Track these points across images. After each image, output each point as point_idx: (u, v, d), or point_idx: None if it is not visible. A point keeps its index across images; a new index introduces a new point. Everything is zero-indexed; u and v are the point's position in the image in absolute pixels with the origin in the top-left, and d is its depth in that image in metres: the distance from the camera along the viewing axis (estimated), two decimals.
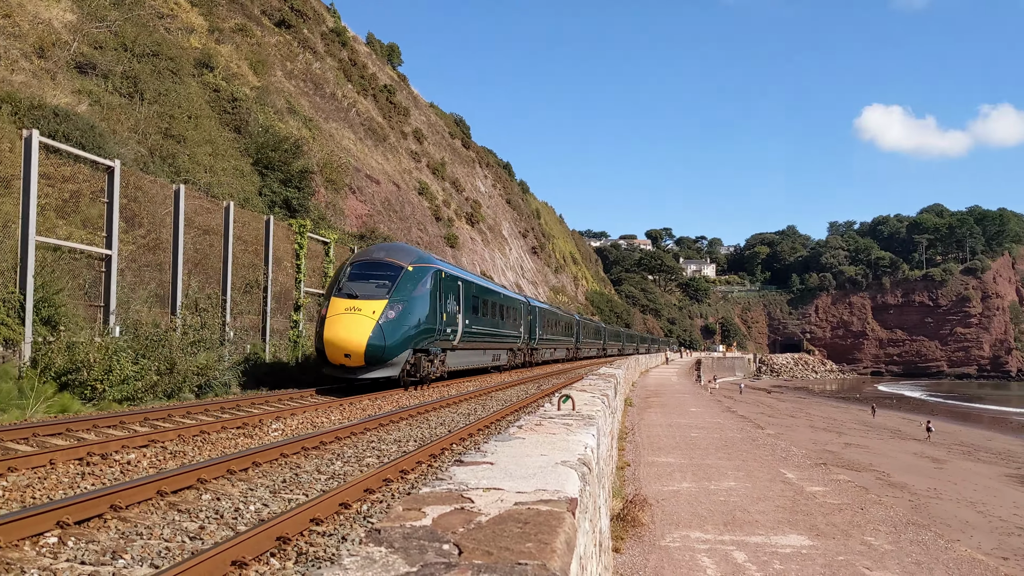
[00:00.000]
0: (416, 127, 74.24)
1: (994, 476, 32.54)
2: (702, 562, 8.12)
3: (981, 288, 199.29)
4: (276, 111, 40.88)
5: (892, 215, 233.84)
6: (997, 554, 17.03)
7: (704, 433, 20.21)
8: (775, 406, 66.30)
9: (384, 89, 69.89)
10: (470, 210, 76.04)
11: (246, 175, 31.92)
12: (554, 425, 5.21)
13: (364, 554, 2.01)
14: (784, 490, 12.32)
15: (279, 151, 34.47)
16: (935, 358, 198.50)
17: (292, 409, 16.75)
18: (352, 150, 50.89)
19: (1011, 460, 40.31)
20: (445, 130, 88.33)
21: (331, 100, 53.83)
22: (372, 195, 49.63)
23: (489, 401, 22.16)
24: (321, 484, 9.75)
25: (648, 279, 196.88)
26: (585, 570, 3.10)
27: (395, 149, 63.20)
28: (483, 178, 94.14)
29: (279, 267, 26.51)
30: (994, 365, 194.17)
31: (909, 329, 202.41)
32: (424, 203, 61.60)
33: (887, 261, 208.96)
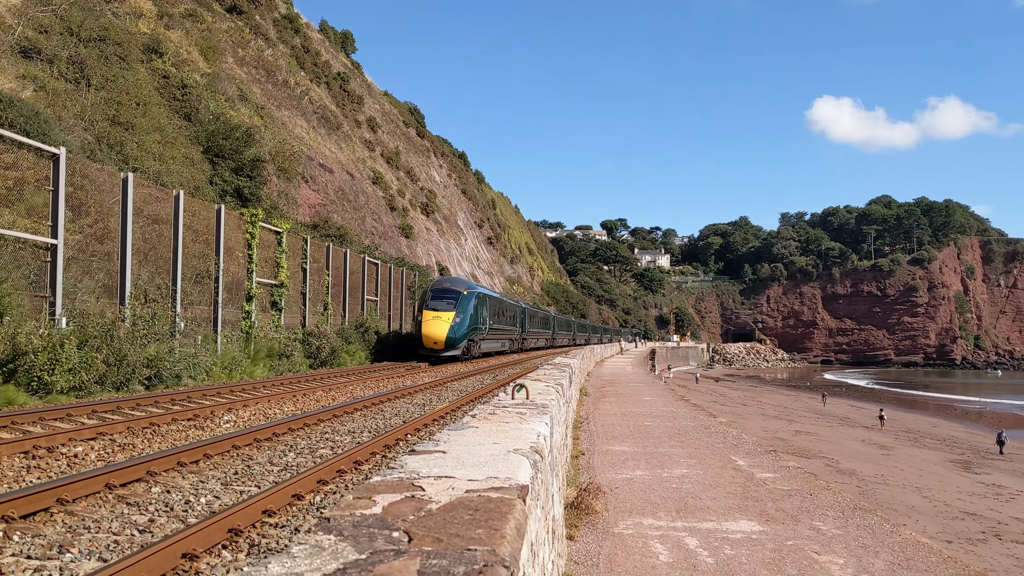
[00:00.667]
0: (370, 116, 73.69)
1: (939, 462, 33.36)
2: (655, 548, 8.21)
3: (927, 278, 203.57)
4: (227, 98, 40.29)
5: (842, 206, 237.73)
6: (941, 537, 17.48)
7: (658, 422, 20.40)
8: (727, 395, 67.23)
9: (338, 77, 69.24)
10: (425, 200, 75.72)
11: (196, 163, 31.44)
12: (508, 414, 5.22)
13: (313, 542, 2.00)
14: (735, 477, 12.50)
15: (230, 139, 34.00)
16: (883, 347, 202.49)
17: (244, 400, 16.58)
18: (305, 138, 50.37)
19: (955, 446, 41.33)
20: (399, 119, 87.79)
21: (283, 88, 53.19)
22: (325, 184, 49.19)
23: (444, 391, 22.16)
24: (274, 476, 9.68)
25: (603, 269, 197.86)
26: (537, 556, 3.11)
27: (349, 138, 62.68)
28: (438, 168, 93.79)
29: (231, 257, 26.17)
30: (940, 353, 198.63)
31: (858, 318, 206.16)
32: (378, 193, 61.21)
33: (837, 252, 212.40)
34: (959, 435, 48.85)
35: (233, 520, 6.97)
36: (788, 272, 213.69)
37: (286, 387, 20.63)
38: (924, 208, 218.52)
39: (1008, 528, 19.52)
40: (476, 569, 1.80)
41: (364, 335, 35.42)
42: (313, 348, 29.23)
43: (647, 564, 7.66)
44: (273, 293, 29.45)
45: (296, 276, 31.52)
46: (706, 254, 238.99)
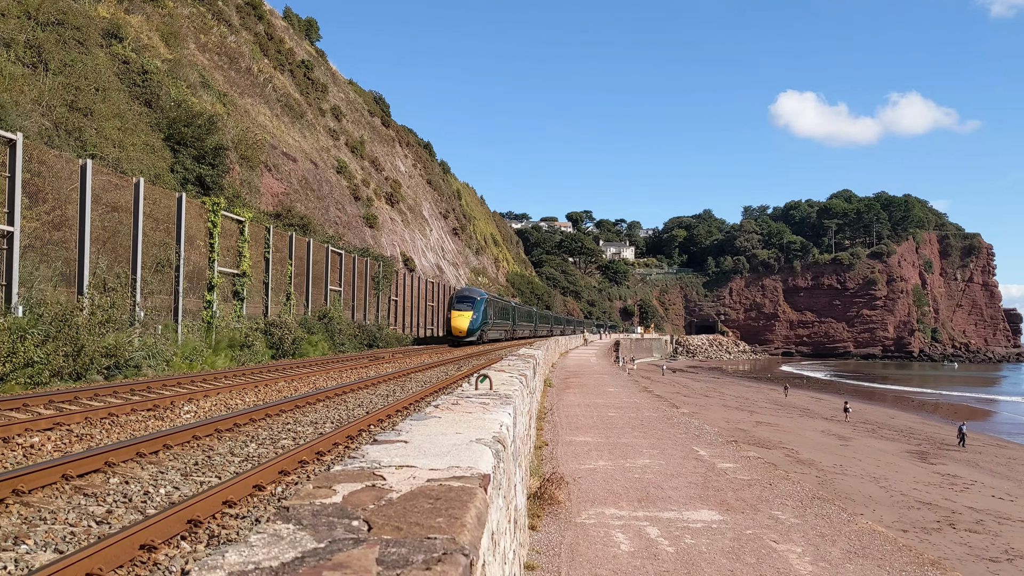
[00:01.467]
0: (334, 104, 73.11)
1: (896, 452, 33.93)
2: (616, 538, 8.27)
3: (886, 272, 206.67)
4: (189, 85, 39.74)
5: (804, 200, 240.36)
6: (897, 527, 17.79)
7: (621, 413, 20.52)
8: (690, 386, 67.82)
9: (302, 65, 68.58)
10: (390, 190, 75.34)
11: (157, 151, 30.99)
12: (471, 404, 5.22)
13: (271, 531, 1.99)
14: (696, 467, 12.61)
15: (192, 127, 33.56)
16: (842, 339, 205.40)
17: (205, 391, 16.42)
18: (268, 127, 49.87)
19: (912, 437, 42.07)
20: (364, 108, 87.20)
21: (246, 75, 52.58)
22: (289, 173, 48.75)
23: (408, 382, 22.11)
24: (235, 466, 9.60)
25: (569, 261, 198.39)
26: (498, 545, 3.12)
27: (313, 126, 62.16)
28: (403, 157, 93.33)
29: (192, 246, 25.87)
30: (898, 346, 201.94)
31: (818, 311, 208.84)
32: (343, 182, 60.80)
33: (798, 245, 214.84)
34: (916, 426, 49.73)
35: (193, 511, 6.91)
36: (750, 265, 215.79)
37: (248, 377, 20.46)
38: (884, 203, 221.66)
39: (962, 517, 19.91)
40: (435, 557, 1.80)
41: (327, 325, 35.21)
42: (275, 338, 29.00)
43: (608, 554, 7.72)
44: (235, 283, 29.17)
45: (258, 266, 31.24)
46: (670, 246, 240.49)
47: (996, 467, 32.18)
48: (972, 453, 36.21)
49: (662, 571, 7.19)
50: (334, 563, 1.74)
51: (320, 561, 1.76)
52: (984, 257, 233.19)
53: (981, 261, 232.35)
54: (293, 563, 1.75)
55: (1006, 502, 23.33)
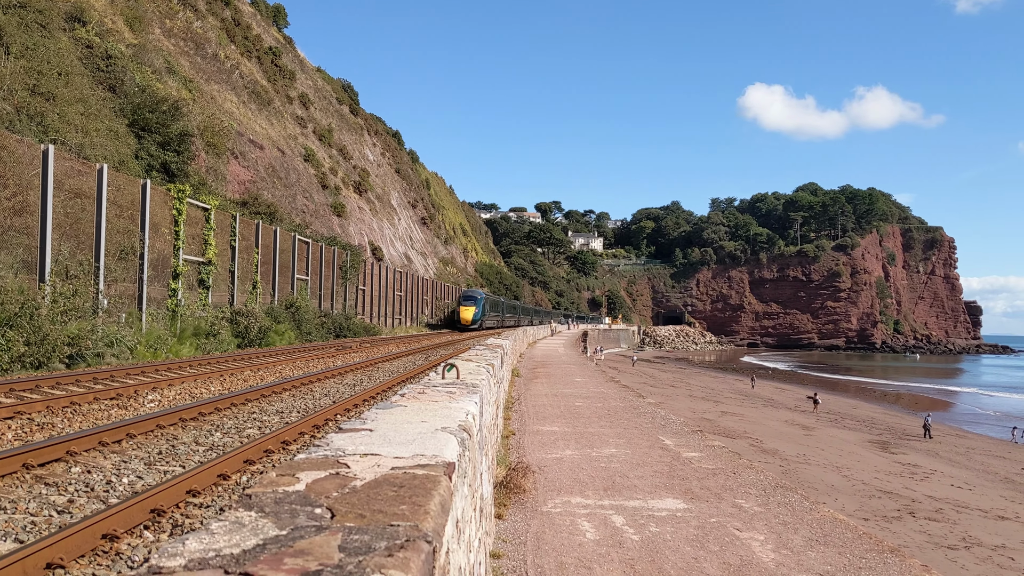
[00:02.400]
0: (302, 92, 72.46)
1: (858, 442, 34.43)
2: (582, 526, 8.32)
3: (850, 264, 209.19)
4: (154, 70, 39.18)
5: (770, 193, 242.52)
6: (859, 515, 18.07)
7: (588, 402, 20.61)
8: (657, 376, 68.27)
9: (269, 51, 67.87)
10: (358, 178, 74.89)
11: (121, 137, 30.54)
12: (437, 393, 5.22)
13: (233, 519, 1.98)
14: (662, 456, 12.71)
15: (157, 112, 33.09)
16: (807, 330, 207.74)
17: (170, 380, 16.25)
18: (235, 113, 49.32)
19: (873, 427, 42.71)
20: (332, 96, 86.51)
21: (213, 61, 51.93)
22: (256, 160, 48.29)
23: (376, 372, 22.05)
24: (199, 456, 9.52)
25: (537, 252, 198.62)
26: (463, 533, 3.13)
27: (280, 114, 61.59)
28: (371, 146, 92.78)
29: (157, 234, 25.56)
30: (861, 337, 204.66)
31: (783, 302, 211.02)
32: (310, 170, 60.34)
33: (764, 237, 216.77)
34: (878, 416, 50.49)
35: (156, 500, 6.85)
36: (717, 256, 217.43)
37: (213, 366, 20.28)
38: (849, 196, 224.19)
39: (921, 506, 20.27)
40: (398, 544, 1.80)
41: (294, 315, 34.97)
42: (241, 327, 28.75)
43: (574, 542, 7.76)
44: (200, 271, 28.87)
45: (224, 254, 30.94)
46: (638, 238, 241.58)
47: (955, 457, 32.78)
48: (932, 443, 36.84)
49: (627, 559, 7.25)
50: (296, 550, 1.74)
51: (282, 548, 1.75)
52: (946, 250, 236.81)
53: (943, 254, 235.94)
54: (254, 550, 1.74)
55: (964, 491, 23.78)
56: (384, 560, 1.69)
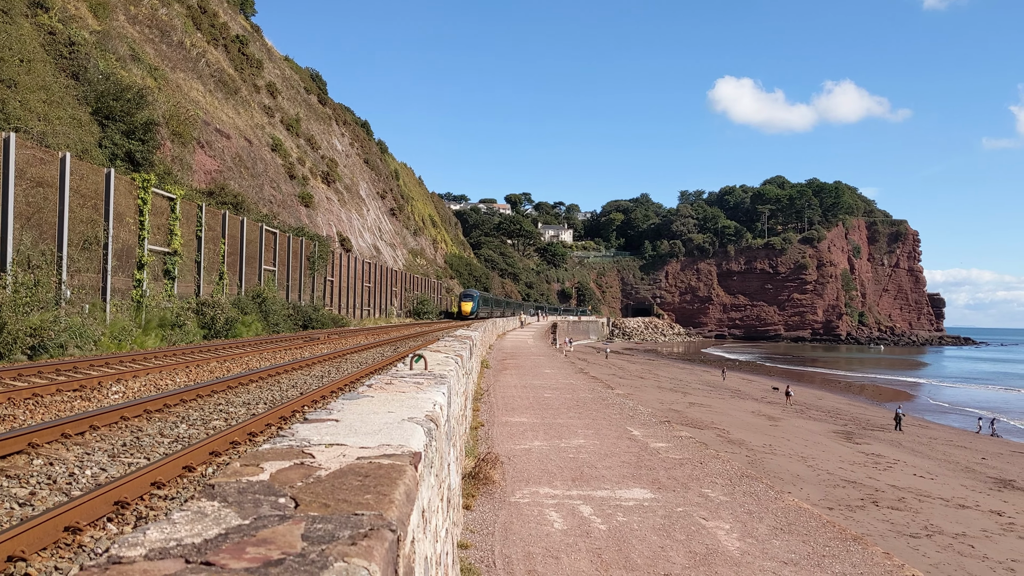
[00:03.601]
0: (270, 81, 71.76)
1: (823, 433, 34.84)
2: (550, 516, 8.35)
3: (817, 256, 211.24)
4: (118, 58, 38.59)
5: (738, 185, 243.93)
6: (824, 504, 18.31)
7: (557, 394, 20.67)
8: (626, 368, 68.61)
9: (236, 40, 67.10)
10: (326, 169, 74.37)
11: (84, 125, 30.08)
12: (405, 384, 5.20)
13: (196, 509, 1.96)
14: (630, 447, 12.78)
15: (121, 101, 32.61)
16: (774, 322, 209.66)
17: (134, 371, 16.07)
18: (201, 102, 48.74)
19: (838, 417, 43.25)
20: (300, 85, 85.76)
21: (178, 49, 51.25)
22: (222, 150, 47.78)
23: (344, 363, 21.95)
24: (164, 447, 9.43)
25: (507, 243, 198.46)
26: (429, 523, 3.12)
27: (247, 103, 60.96)
28: (340, 136, 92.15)
29: (121, 223, 25.23)
30: (826, 329, 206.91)
31: (751, 295, 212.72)
32: (277, 160, 59.82)
33: (732, 230, 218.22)
34: (843, 407, 51.13)
35: (120, 492, 6.77)
36: (686, 249, 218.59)
37: (179, 358, 20.08)
38: (815, 189, 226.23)
39: (884, 495, 20.58)
40: (362, 532, 1.79)
41: (261, 306, 34.70)
42: (208, 318, 28.49)
43: (542, 532, 7.79)
44: (166, 261, 28.55)
45: (190, 244, 30.62)
46: (608, 230, 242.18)
47: (918, 447, 33.29)
48: (896, 433, 37.37)
49: (594, 548, 7.29)
50: (258, 539, 1.73)
51: (244, 537, 1.74)
52: (910, 243, 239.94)
53: (907, 247, 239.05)
54: (216, 539, 1.73)
55: (927, 480, 24.17)
56: (347, 548, 1.68)
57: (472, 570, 6.52)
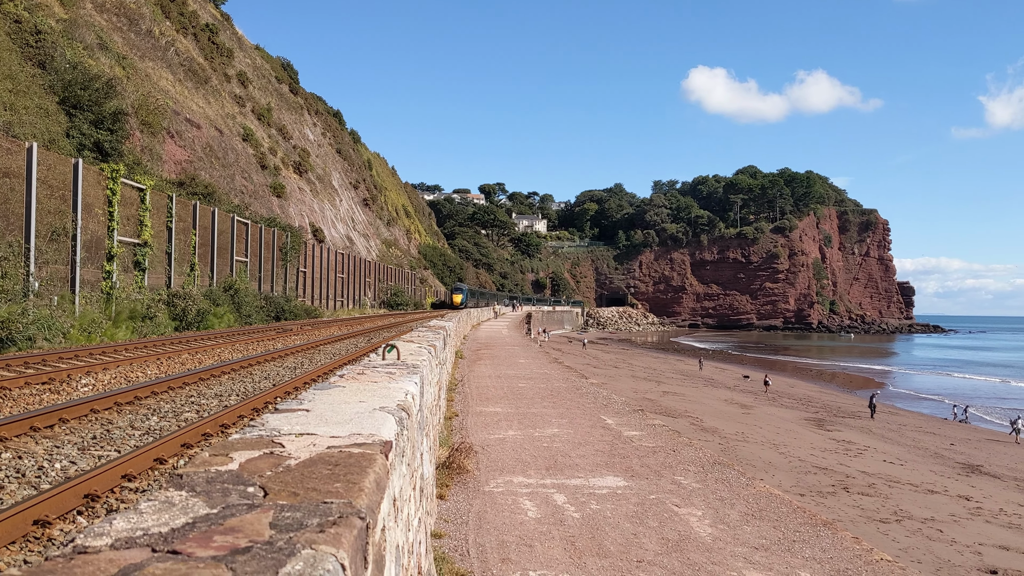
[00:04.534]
0: (240, 70, 71.08)
1: (795, 420, 35.18)
2: (523, 505, 8.38)
3: (788, 246, 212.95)
4: (86, 47, 38.05)
5: (711, 175, 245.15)
6: (795, 491, 18.49)
7: (531, 383, 20.71)
8: (600, 357, 68.85)
9: (206, 28, 66.36)
10: (298, 159, 73.85)
11: (52, 114, 29.65)
12: (377, 374, 5.19)
13: (163, 498, 1.95)
14: (604, 435, 12.85)
15: (89, 90, 32.17)
16: (746, 311, 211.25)
17: (104, 363, 15.91)
18: (171, 92, 48.20)
19: (810, 405, 43.69)
20: (272, 74, 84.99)
21: (147, 37, 50.60)
22: (192, 140, 47.30)
23: (317, 355, 21.86)
24: (135, 440, 9.36)
25: (481, 233, 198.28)
26: (401, 512, 3.12)
27: (217, 92, 60.35)
28: (312, 126, 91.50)
29: (90, 214, 24.93)
30: (798, 318, 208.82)
31: (723, 284, 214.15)
32: (249, 150, 59.31)
33: (705, 219, 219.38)
34: (814, 395, 51.66)
35: (90, 485, 6.71)
36: (660, 239, 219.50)
37: (150, 350, 19.90)
38: (787, 179, 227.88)
39: (855, 481, 20.81)
40: (331, 520, 1.79)
41: (233, 297, 34.45)
42: (179, 310, 28.25)
43: (516, 520, 7.82)
44: (136, 252, 28.26)
45: (161, 235, 30.33)
46: (582, 220, 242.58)
47: (888, 433, 33.72)
48: (866, 420, 37.81)
49: (567, 536, 7.32)
50: (226, 527, 1.72)
51: (212, 526, 1.73)
52: (880, 232, 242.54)
53: (877, 236, 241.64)
54: (183, 528, 1.72)
55: (896, 466, 24.48)
56: (315, 536, 1.68)
57: (446, 559, 6.54)
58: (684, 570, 6.52)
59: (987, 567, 13.64)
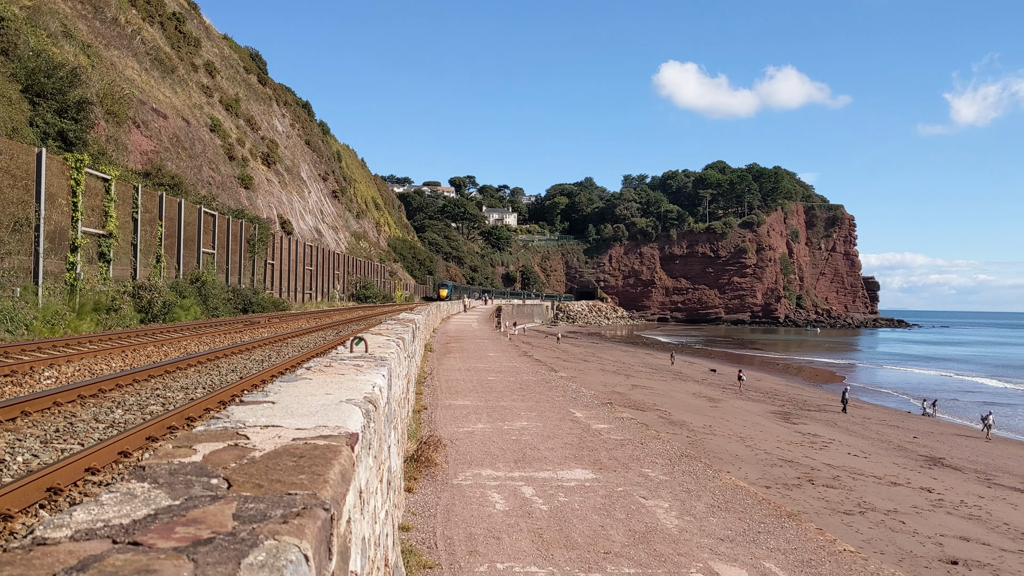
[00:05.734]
0: (208, 60, 70.29)
1: (761, 413, 35.52)
2: (492, 498, 8.40)
3: (756, 241, 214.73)
4: (50, 34, 37.43)
5: (681, 170, 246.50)
6: (761, 483, 18.68)
7: (501, 376, 20.74)
8: (570, 351, 69.03)
9: (173, 17, 65.53)
10: (266, 150, 73.22)
11: (14, 103, 29.15)
12: (344, 366, 5.18)
13: (125, 490, 1.93)
14: (572, 428, 12.90)
15: (53, 78, 31.66)
16: (714, 305, 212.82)
17: (68, 356, 15.70)
18: (136, 81, 47.56)
19: (776, 398, 44.14)
20: (240, 65, 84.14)
21: (113, 26, 49.87)
22: (159, 130, 46.72)
23: (285, 347, 21.73)
24: (99, 433, 9.25)
25: (451, 227, 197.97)
26: (367, 504, 3.12)
27: (184, 82, 59.65)
28: (280, 117, 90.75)
29: (54, 205, 24.56)
30: (765, 312, 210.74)
31: (692, 278, 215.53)
32: (216, 141, 58.71)
33: (675, 214, 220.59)
34: (781, 388, 52.19)
35: (53, 479, 6.63)
36: (630, 233, 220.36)
37: (115, 342, 19.66)
38: (755, 174, 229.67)
39: (820, 474, 21.07)
40: (295, 512, 1.79)
41: (200, 289, 34.12)
42: (145, 302, 27.92)
43: (484, 513, 7.83)
44: (101, 244, 27.89)
45: (126, 226, 29.96)
46: (552, 213, 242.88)
47: (852, 426, 34.15)
48: (831, 414, 38.27)
49: (535, 528, 7.35)
50: (188, 519, 1.71)
51: (174, 517, 1.72)
52: (846, 228, 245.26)
53: (843, 231, 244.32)
54: (145, 520, 1.71)
55: (860, 459, 24.81)
56: (279, 527, 1.68)
57: (413, 552, 6.54)
58: (651, 561, 6.57)
59: (948, 558, 13.88)
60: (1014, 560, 14.34)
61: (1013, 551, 15.00)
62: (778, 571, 6.49)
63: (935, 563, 13.52)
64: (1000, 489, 22.27)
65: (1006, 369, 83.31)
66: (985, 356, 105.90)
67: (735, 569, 6.47)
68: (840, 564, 6.79)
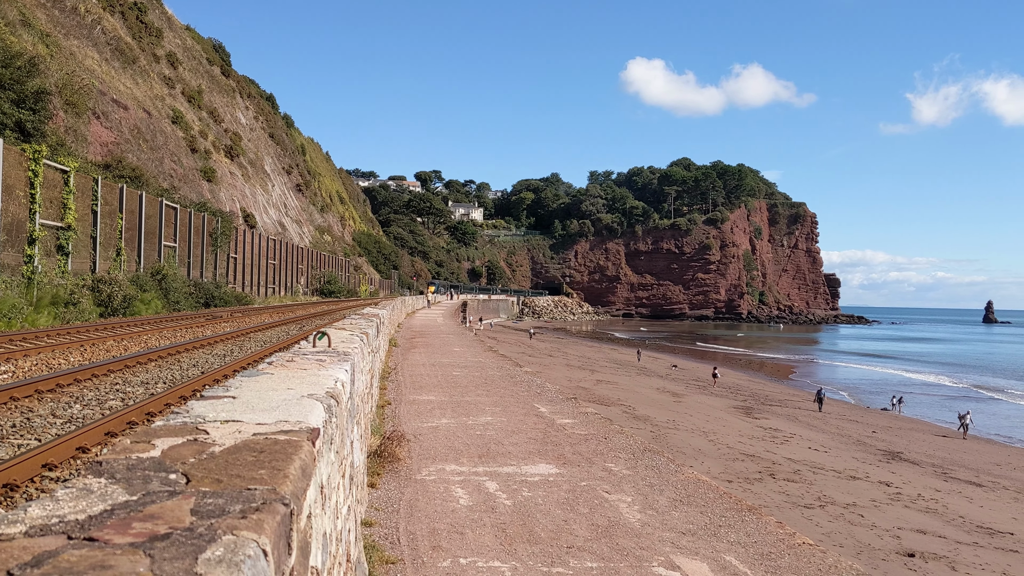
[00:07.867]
0: (170, 50, 69.33)
1: (724, 408, 35.87)
2: (455, 492, 8.40)
3: (720, 237, 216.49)
4: (7, 23, 36.71)
5: (646, 167, 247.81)
6: (723, 477, 18.87)
7: (466, 372, 20.73)
8: (535, 346, 69.17)
9: (134, 7, 64.54)
10: (229, 143, 72.43)
11: None
12: (307, 361, 5.15)
13: (81, 485, 1.91)
14: (537, 423, 12.94)
15: (11, 68, 31.06)
16: (678, 301, 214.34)
17: (25, 350, 15.44)
18: (96, 71, 46.79)
19: (738, 393, 44.58)
20: (203, 56, 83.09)
21: (72, 15, 49.00)
22: (119, 121, 46.02)
23: (247, 342, 21.54)
24: (57, 428, 9.11)
25: (417, 221, 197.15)
26: (329, 500, 3.11)
27: (146, 73, 58.80)
28: (244, 109, 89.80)
29: (11, 196, 24.12)
30: (728, 308, 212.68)
31: (657, 274, 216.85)
32: (178, 133, 57.96)
33: (640, 210, 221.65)
34: (742, 383, 52.74)
35: (9, 475, 6.53)
36: (595, 228, 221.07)
37: (73, 336, 19.36)
38: (719, 171, 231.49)
39: (781, 468, 21.33)
40: (254, 507, 1.78)
41: (161, 283, 33.70)
42: (104, 296, 27.53)
43: (447, 508, 7.84)
44: (59, 236, 27.45)
45: (85, 219, 29.50)
46: (518, 209, 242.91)
47: (813, 421, 34.61)
48: (791, 408, 38.74)
49: (499, 523, 7.37)
50: (145, 514, 1.70)
51: (131, 513, 1.71)
52: (808, 225, 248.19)
53: (806, 229, 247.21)
54: (101, 515, 1.69)
55: (821, 453, 25.16)
56: (237, 522, 1.67)
57: (376, 547, 6.52)
58: (613, 555, 6.62)
59: (905, 550, 14.13)
60: (969, 552, 14.64)
61: (968, 543, 15.31)
62: (738, 564, 6.56)
63: (892, 555, 13.76)
64: (956, 483, 22.71)
65: (953, 367, 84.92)
66: (935, 353, 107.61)
67: (696, 562, 6.54)
68: (799, 557, 6.88)
